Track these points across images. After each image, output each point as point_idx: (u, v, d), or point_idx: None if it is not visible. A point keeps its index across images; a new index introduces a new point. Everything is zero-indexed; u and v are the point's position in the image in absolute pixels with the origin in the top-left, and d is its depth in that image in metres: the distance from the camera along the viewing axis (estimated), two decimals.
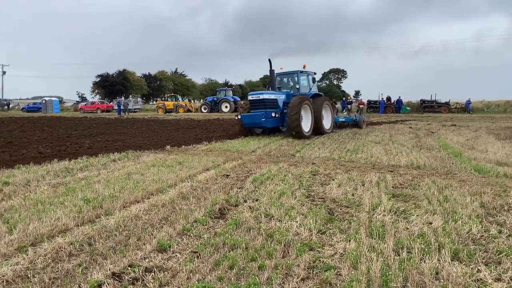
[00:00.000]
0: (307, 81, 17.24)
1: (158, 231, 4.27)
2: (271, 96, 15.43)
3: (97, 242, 3.98)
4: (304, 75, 17.25)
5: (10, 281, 3.10)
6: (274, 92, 15.84)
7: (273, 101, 15.38)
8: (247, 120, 15.32)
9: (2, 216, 4.74)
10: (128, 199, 5.61)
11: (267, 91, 15.84)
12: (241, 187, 6.45)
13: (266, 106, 15.14)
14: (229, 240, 3.91)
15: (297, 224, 4.46)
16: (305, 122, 15.10)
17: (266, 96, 15.31)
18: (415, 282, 3.13)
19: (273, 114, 14.89)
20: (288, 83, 17.51)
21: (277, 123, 15.64)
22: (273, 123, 15.28)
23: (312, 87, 17.23)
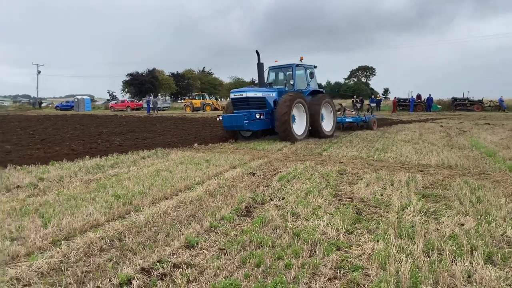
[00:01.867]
0: (305, 75, 14.92)
1: (186, 228, 4.33)
2: (257, 94, 13.33)
3: (127, 237, 4.07)
4: (300, 68, 14.89)
5: (45, 274, 3.21)
6: (262, 89, 13.78)
7: (259, 99, 13.35)
8: (227, 122, 13.15)
9: (38, 210, 4.92)
10: (157, 195, 5.71)
11: (252, 88, 13.93)
12: (267, 185, 6.46)
13: (251, 106, 13.04)
14: (255, 238, 3.92)
15: (324, 224, 4.43)
16: (298, 123, 13.53)
17: (250, 94, 13.16)
18: (446, 285, 3.05)
19: (258, 115, 12.76)
20: (283, 79, 15.30)
21: (264, 125, 13.44)
22: (258, 125, 13.16)
23: (310, 82, 14.97)
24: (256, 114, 12.75)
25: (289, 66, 14.67)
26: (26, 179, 6.74)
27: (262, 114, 12.94)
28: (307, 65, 14.99)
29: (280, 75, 15.36)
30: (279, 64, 14.97)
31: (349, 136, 14.98)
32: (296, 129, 13.17)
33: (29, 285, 3.02)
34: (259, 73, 14.21)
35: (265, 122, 13.33)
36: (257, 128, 13.25)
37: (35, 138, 14.53)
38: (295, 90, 14.12)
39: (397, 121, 24.79)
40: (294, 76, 14.36)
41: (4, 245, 3.71)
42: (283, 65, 14.85)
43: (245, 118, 12.46)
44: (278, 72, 15.38)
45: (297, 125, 13.34)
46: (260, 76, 14.26)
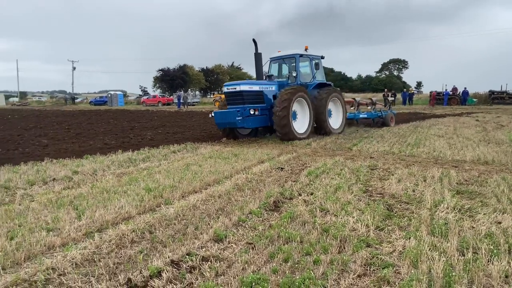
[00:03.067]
0: (310, 67, 13.52)
1: (214, 221, 4.36)
2: (253, 87, 12.03)
3: (157, 230, 4.14)
4: (305, 59, 13.47)
5: (78, 264, 3.32)
6: (259, 82, 12.50)
7: (256, 94, 12.03)
8: (219, 118, 11.95)
9: (72, 203, 5.08)
10: (186, 189, 5.79)
11: (247, 81, 12.87)
12: (296, 180, 6.42)
13: (245, 101, 11.72)
14: (283, 233, 3.90)
15: (353, 220, 4.36)
16: (301, 120, 12.27)
17: (245, 88, 11.84)
18: (482, 285, 2.94)
19: (252, 111, 11.45)
20: (288, 71, 13.75)
21: (261, 122, 12.17)
22: (254, 122, 11.88)
23: (316, 74, 13.57)
24: (250, 109, 11.43)
25: (292, 56, 13.20)
26: (62, 172, 6.98)
27: (256, 109, 11.57)
28: (312, 55, 13.52)
29: (284, 67, 13.89)
30: (281, 55, 13.53)
31: (380, 130, 14.67)
32: (298, 126, 11.95)
33: (64, 275, 3.12)
34: (257, 64, 12.86)
35: (262, 119, 12.04)
36: (253, 126, 12.09)
37: (70, 132, 15.03)
38: (298, 83, 12.84)
39: (430, 115, 24.10)
40: (297, 68, 13.01)
41: (41, 235, 3.85)
42: (286, 55, 13.38)
43: (238, 114, 11.21)
44: (281, 64, 13.94)
45: (298, 122, 12.11)
46: (258, 67, 12.90)
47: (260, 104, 11.99)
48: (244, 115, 11.33)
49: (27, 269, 3.18)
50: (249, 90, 11.86)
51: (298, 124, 12.04)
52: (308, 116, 12.34)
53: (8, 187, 5.98)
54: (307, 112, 12.33)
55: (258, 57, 12.79)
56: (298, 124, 12.02)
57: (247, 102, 11.70)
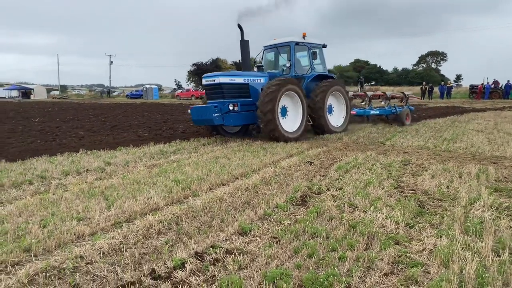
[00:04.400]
0: (308, 57, 12.04)
1: (240, 214, 4.35)
2: (235, 79, 10.45)
3: (183, 221, 4.17)
4: (302, 48, 11.92)
5: (105, 253, 3.39)
6: (244, 74, 10.87)
7: (239, 87, 10.54)
8: (196, 115, 10.44)
9: (103, 193, 5.21)
10: (214, 182, 5.81)
11: (229, 72, 11.16)
12: (325, 175, 6.31)
13: (225, 95, 10.25)
14: (309, 228, 3.84)
15: (383, 216, 4.23)
16: (292, 117, 10.73)
17: (225, 80, 10.24)
18: None
19: (231, 106, 10.05)
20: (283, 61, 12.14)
21: (246, 119, 10.61)
22: (237, 119, 10.37)
23: (314, 65, 12.05)
24: (229, 105, 10.02)
25: (286, 44, 11.66)
26: (95, 163, 7.17)
27: (236, 105, 10.16)
28: (311, 44, 11.98)
29: (282, 57, 12.25)
30: (275, 42, 12.01)
31: (415, 125, 14.23)
32: (287, 124, 10.44)
33: (91, 264, 3.20)
34: (243, 53, 11.32)
35: (248, 115, 10.50)
36: (235, 123, 10.60)
37: (105, 124, 15.45)
38: (292, 75, 11.40)
39: (470, 109, 23.16)
40: (292, 57, 11.47)
41: (71, 224, 3.97)
42: (280, 43, 11.86)
43: (216, 110, 9.82)
44: (278, 54, 12.30)
45: (289, 120, 10.62)
46: (244, 57, 11.38)
47: (246, 99, 10.53)
48: (223, 111, 9.94)
49: (57, 257, 3.28)
50: (231, 82, 10.32)
51: (288, 121, 10.53)
52: (301, 113, 10.72)
53: (44, 176, 6.21)
54: (299, 108, 10.73)
55: (244, 44, 11.25)
56: (288, 122, 10.52)
57: (228, 96, 10.27)
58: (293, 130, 10.46)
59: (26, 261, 3.23)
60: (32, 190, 5.44)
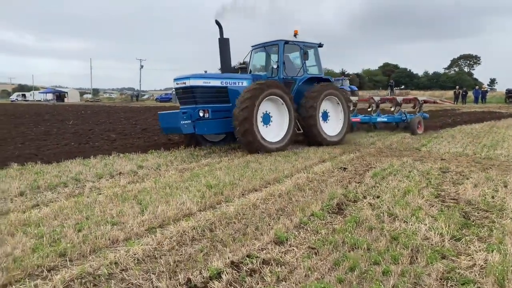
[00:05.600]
0: (300, 58, 10.74)
1: (275, 222, 4.22)
2: (210, 82, 9.33)
3: (217, 228, 4.08)
4: (293, 48, 10.69)
5: (140, 260, 3.32)
6: (222, 76, 9.78)
7: (215, 90, 9.42)
8: (164, 122, 9.49)
9: (136, 197, 5.18)
10: (246, 187, 5.71)
11: (202, 74, 9.45)
12: (360, 181, 6.10)
13: (198, 100, 9.19)
14: (349, 239, 3.66)
15: (426, 228, 4.00)
16: (276, 125, 9.51)
17: (197, 82, 9.14)
18: None
19: (201, 112, 8.96)
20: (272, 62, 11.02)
21: (223, 127, 9.43)
22: (210, 127, 9.23)
23: (307, 67, 10.70)
24: (199, 111, 8.95)
25: (275, 43, 10.42)
26: (127, 166, 7.21)
27: (206, 111, 9.05)
28: (304, 43, 10.67)
29: (270, 58, 11.14)
30: (262, 42, 10.84)
31: (451, 130, 13.74)
32: (271, 133, 9.32)
33: (126, 271, 3.13)
34: (222, 52, 10.14)
35: (226, 122, 9.27)
36: (209, 132, 9.52)
37: (136, 128, 15.66)
38: (280, 78, 10.16)
39: (507, 114, 22.25)
40: (281, 58, 10.19)
41: (106, 229, 3.94)
42: (268, 42, 10.65)
43: (184, 116, 8.80)
44: (269, 54, 11.14)
45: (273, 128, 9.45)
46: (223, 57, 10.16)
47: (224, 104, 9.47)
48: (193, 118, 8.88)
49: (92, 262, 3.24)
50: (204, 85, 9.23)
51: (272, 129, 9.40)
52: (287, 120, 9.51)
53: (79, 179, 6.27)
54: (285, 115, 9.53)
55: (223, 43, 10.09)
56: (272, 130, 9.39)
57: (202, 101, 9.21)
58: (277, 140, 9.25)
59: (62, 266, 3.20)
60: (67, 192, 5.49)
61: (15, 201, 5.07)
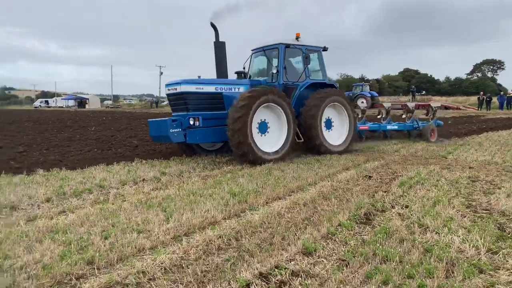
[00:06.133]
0: (302, 62, 10.13)
1: (302, 232, 4.13)
2: (203, 87, 8.88)
3: (243, 237, 4.01)
4: (295, 52, 10.12)
5: (167, 270, 3.28)
6: (217, 81, 9.33)
7: (209, 96, 8.97)
8: (153, 130, 9.06)
9: (161, 204, 5.17)
10: (270, 195, 5.63)
11: (194, 79, 8.95)
12: (387, 190, 5.95)
13: (189, 106, 8.80)
14: (380, 251, 3.54)
15: (459, 240, 3.86)
16: (274, 133, 8.99)
17: (189, 88, 8.74)
18: None
19: (192, 120, 8.52)
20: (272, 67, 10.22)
21: (218, 136, 8.96)
22: (203, 136, 8.79)
23: (309, 72, 10.12)
24: (189, 119, 8.50)
25: (275, 47, 9.87)
26: (150, 173, 7.22)
27: (197, 118, 8.57)
28: (307, 46, 10.09)
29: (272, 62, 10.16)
30: (262, 45, 10.27)
31: (477, 137, 13.38)
32: (268, 142, 8.82)
33: (153, 280, 3.09)
34: (217, 57, 9.69)
35: (221, 131, 8.71)
36: (202, 141, 9.10)
37: None
38: (280, 83, 9.63)
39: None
40: (281, 62, 9.66)
41: (132, 236, 3.92)
42: (267, 46, 10.08)
43: (174, 125, 8.38)
44: (268, 59, 10.38)
45: (270, 137, 8.92)
46: (218, 61, 9.71)
47: (219, 111, 8.97)
48: (184, 126, 8.46)
49: (119, 271, 3.21)
50: (197, 91, 8.79)
51: (269, 139, 8.89)
52: (286, 129, 8.97)
53: (103, 186, 6.30)
54: (284, 123, 9.00)
55: (219, 46, 9.57)
56: (269, 139, 8.89)
57: (194, 108, 8.78)
58: (274, 150, 8.72)
59: (90, 274, 3.19)
60: (92, 199, 5.51)
61: (42, 207, 5.13)
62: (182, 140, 8.53)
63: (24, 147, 11.08)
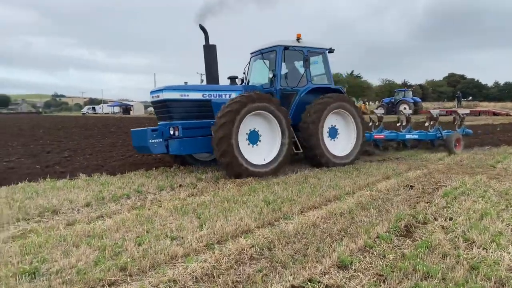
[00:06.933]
0: (303, 64, 9.28)
1: (337, 244, 3.98)
2: (188, 94, 8.25)
3: (276, 247, 3.91)
4: (294, 54, 9.25)
5: (198, 278, 3.24)
6: (203, 87, 8.77)
7: (197, 104, 8.35)
8: (135, 140, 8.46)
9: (195, 211, 5.17)
10: (305, 204, 5.51)
11: (178, 85, 8.35)
12: (429, 201, 5.66)
13: (173, 115, 8.20)
14: (420, 266, 3.33)
15: (509, 256, 3.57)
16: (266, 144, 8.20)
17: (172, 95, 8.15)
18: None
19: (172, 130, 7.90)
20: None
21: (201, 146, 8.24)
22: (186, 147, 8.01)
23: (310, 76, 9.29)
24: (170, 128, 7.92)
25: (272, 49, 9.17)
26: (187, 178, 7.29)
27: (176, 128, 7.90)
28: (309, 48, 9.33)
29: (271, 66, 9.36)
30: (260, 48, 9.59)
31: None
32: (259, 154, 8.06)
33: None
34: (207, 61, 9.05)
35: (209, 141, 7.83)
36: (187, 152, 8.35)
37: None
38: (277, 89, 8.90)
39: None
40: (278, 66, 8.90)
41: (165, 243, 3.92)
42: (265, 48, 9.39)
43: (154, 135, 7.85)
44: (267, 62, 9.60)
45: (261, 148, 8.16)
46: (208, 65, 9.07)
47: (207, 119, 8.17)
48: (165, 136, 7.93)
49: (150, 279, 3.21)
50: (181, 99, 8.17)
51: (259, 150, 8.13)
52: (279, 139, 8.16)
53: (141, 191, 6.41)
54: (277, 133, 8.19)
55: (209, 50, 9.00)
56: (260, 150, 8.12)
57: (178, 116, 8.17)
58: (266, 162, 7.96)
59: (122, 281, 3.20)
60: (129, 204, 5.61)
61: (81, 212, 5.27)
62: (164, 151, 8.03)
63: (69, 152, 11.56)
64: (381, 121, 11.70)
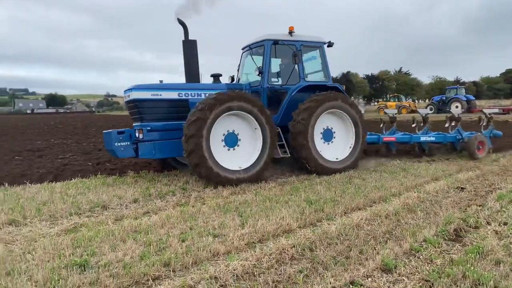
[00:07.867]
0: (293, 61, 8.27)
1: (381, 247, 3.87)
2: (159, 94, 7.57)
3: (317, 248, 3.87)
4: (285, 49, 8.47)
5: (239, 277, 3.27)
6: (179, 86, 7.90)
7: (173, 104, 7.68)
8: (106, 143, 7.84)
9: (237, 209, 5.23)
10: (349, 205, 5.40)
11: (150, 84, 7.68)
12: (482, 204, 5.38)
13: (144, 116, 7.59)
14: (470, 273, 3.17)
15: None
16: (246, 148, 7.36)
17: (141, 95, 7.49)
18: None
19: (137, 133, 7.39)
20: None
21: (173, 150, 7.50)
22: (158, 150, 7.37)
23: (303, 72, 8.50)
24: (136, 131, 7.44)
25: (260, 44, 8.49)
26: None
27: (141, 130, 7.32)
28: (302, 42, 8.53)
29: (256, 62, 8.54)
30: (249, 43, 8.91)
31: None
32: (237, 158, 7.25)
33: (225, 287, 3.10)
34: (187, 57, 8.34)
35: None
36: (160, 156, 7.60)
37: None
38: (264, 87, 8.21)
39: None
40: (266, 62, 8.22)
41: (208, 240, 3.99)
42: (253, 43, 8.70)
43: (120, 137, 7.32)
44: (257, 58, 8.64)
45: (240, 151, 7.34)
46: (188, 62, 8.36)
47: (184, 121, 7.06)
48: (132, 140, 7.42)
49: (193, 275, 3.28)
50: (153, 98, 7.52)
51: (238, 153, 7.31)
52: (260, 142, 7.35)
53: (185, 188, 6.57)
54: (258, 135, 7.37)
55: (188, 46, 8.32)
56: (238, 154, 7.31)
57: (150, 118, 7.57)
58: (246, 167, 7.15)
59: (165, 276, 3.29)
60: (174, 201, 5.77)
61: (129, 207, 5.48)
62: (132, 155, 7.44)
63: None
64: (395, 121, 10.41)
